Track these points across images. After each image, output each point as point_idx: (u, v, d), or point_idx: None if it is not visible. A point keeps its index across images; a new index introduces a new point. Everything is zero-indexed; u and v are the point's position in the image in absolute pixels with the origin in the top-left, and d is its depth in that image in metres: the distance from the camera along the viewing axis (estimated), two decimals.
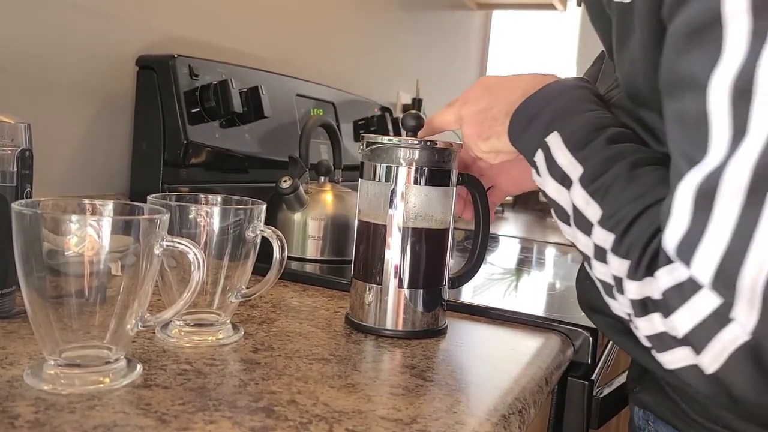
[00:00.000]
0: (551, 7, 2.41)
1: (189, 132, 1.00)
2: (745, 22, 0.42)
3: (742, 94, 0.42)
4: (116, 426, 0.43)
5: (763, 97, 0.41)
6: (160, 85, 1.00)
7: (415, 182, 0.67)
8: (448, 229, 0.70)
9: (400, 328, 0.69)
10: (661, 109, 0.50)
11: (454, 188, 0.70)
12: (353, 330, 0.69)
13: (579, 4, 0.70)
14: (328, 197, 1.03)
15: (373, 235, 0.69)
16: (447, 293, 0.72)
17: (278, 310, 0.74)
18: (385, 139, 0.68)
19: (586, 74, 0.86)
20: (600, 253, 0.51)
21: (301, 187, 1.00)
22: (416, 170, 0.67)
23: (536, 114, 0.58)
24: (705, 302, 0.43)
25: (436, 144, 0.67)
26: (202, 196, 0.67)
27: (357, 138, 1.43)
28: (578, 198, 0.53)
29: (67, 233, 0.47)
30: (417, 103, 1.96)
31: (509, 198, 2.23)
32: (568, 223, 0.55)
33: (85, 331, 0.49)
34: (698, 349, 0.44)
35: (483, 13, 2.59)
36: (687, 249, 0.44)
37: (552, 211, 0.58)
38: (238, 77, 1.07)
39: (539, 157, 0.57)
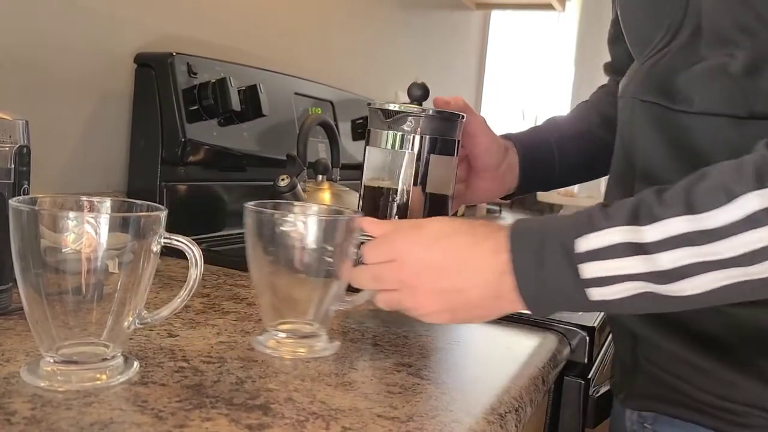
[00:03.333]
0: (550, 7, 2.41)
1: (187, 130, 1.00)
2: None
3: None
4: (113, 423, 0.43)
5: None
6: (158, 83, 1.00)
7: (426, 151, 0.68)
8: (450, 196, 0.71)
9: None
10: None
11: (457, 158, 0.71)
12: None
13: None
14: (325, 196, 1.03)
15: (384, 199, 0.69)
16: None
17: None
18: (395, 106, 0.69)
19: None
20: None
21: (298, 186, 1.00)
22: (423, 140, 0.68)
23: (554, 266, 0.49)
24: None
25: (444, 113, 0.69)
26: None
27: (355, 137, 1.43)
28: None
29: (64, 230, 0.47)
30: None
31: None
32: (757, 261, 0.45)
33: (82, 328, 0.49)
34: None
35: (481, 13, 2.59)
36: None
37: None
38: (236, 75, 1.07)
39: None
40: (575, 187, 2.05)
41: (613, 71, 0.86)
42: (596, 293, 0.48)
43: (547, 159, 0.80)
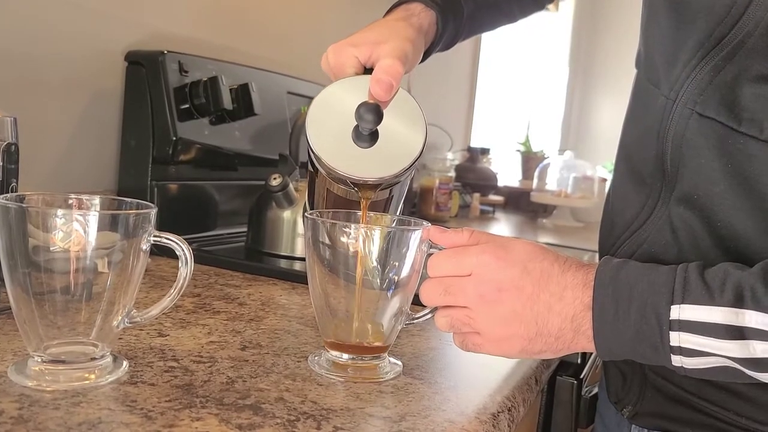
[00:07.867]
0: None
1: (178, 128, 0.99)
2: None
3: None
4: (101, 423, 0.43)
5: None
6: (149, 81, 0.99)
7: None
8: None
9: None
10: None
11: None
12: None
13: None
14: None
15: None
16: None
17: (267, 308, 0.74)
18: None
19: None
20: None
21: (290, 185, 0.99)
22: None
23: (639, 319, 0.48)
24: None
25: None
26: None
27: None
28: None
29: (52, 228, 0.46)
30: None
31: (501, 199, 2.23)
32: None
33: (71, 328, 0.48)
34: None
35: None
36: None
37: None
38: (228, 74, 1.07)
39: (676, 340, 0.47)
40: (569, 188, 2.06)
41: None
42: (678, 360, 0.47)
43: (456, 29, 0.80)
